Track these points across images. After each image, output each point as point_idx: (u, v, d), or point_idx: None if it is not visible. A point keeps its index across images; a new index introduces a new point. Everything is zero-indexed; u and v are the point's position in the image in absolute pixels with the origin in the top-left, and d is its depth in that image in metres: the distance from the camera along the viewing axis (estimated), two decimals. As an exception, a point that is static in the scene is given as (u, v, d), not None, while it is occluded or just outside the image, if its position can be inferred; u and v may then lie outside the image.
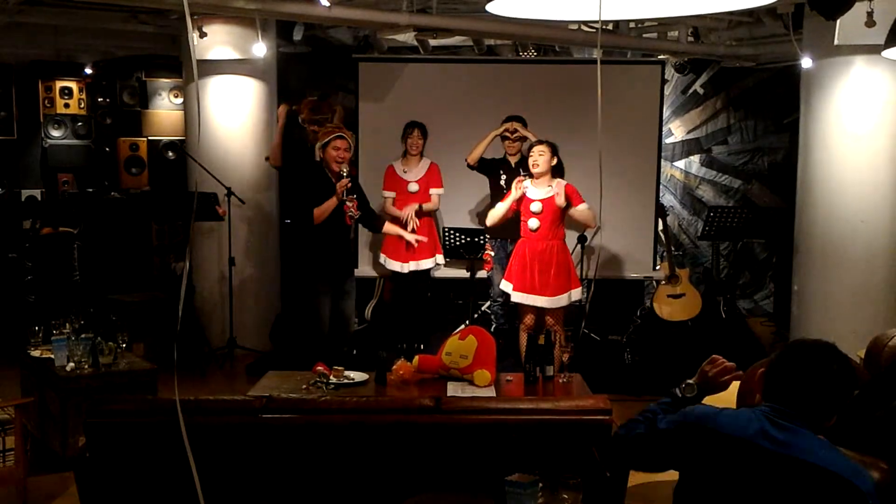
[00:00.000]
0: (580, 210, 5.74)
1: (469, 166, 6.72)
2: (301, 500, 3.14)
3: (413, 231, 6.43)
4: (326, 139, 5.76)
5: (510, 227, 6.03)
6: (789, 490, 2.08)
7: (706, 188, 8.53)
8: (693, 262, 8.43)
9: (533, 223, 5.69)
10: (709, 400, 2.58)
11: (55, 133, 8.79)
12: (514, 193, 5.72)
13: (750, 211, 7.70)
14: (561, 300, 5.73)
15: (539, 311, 5.76)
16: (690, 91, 8.49)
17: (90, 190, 8.72)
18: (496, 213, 5.84)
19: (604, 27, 6.99)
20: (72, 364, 4.75)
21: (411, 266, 6.81)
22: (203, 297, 7.39)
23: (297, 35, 7.52)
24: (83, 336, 4.84)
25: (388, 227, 6.25)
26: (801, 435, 2.11)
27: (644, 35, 7.62)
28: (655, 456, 2.36)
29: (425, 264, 6.85)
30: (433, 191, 6.84)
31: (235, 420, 3.16)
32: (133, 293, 7.60)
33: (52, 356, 4.86)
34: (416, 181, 6.83)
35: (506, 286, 5.90)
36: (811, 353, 2.18)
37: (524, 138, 6.59)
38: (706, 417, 2.25)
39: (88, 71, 8.83)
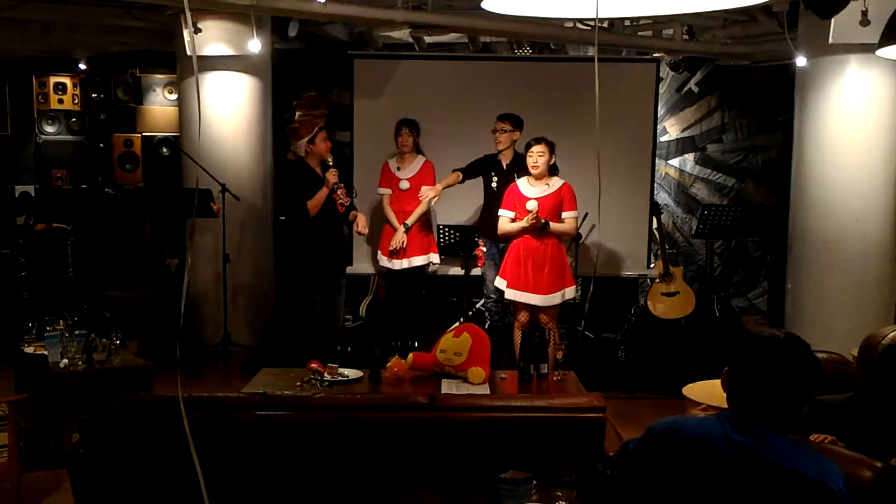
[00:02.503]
0: (564, 219, 5.71)
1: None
2: (295, 496, 3.14)
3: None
4: (313, 132, 5.81)
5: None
6: (754, 494, 1.99)
7: (700, 186, 8.54)
8: (687, 261, 8.44)
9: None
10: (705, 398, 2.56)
11: (49, 129, 8.77)
12: (526, 220, 5.64)
13: (744, 209, 7.72)
14: (554, 298, 5.72)
15: (533, 309, 5.76)
16: (685, 89, 8.50)
17: (84, 186, 8.71)
18: (506, 230, 5.81)
19: (599, 25, 6.99)
20: (66, 361, 4.74)
21: (404, 263, 6.80)
22: (197, 294, 7.37)
23: (292, 31, 7.50)
24: (77, 333, 4.83)
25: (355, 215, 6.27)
26: (764, 437, 2.01)
27: (639, 33, 7.62)
28: (632, 479, 2.26)
29: (418, 261, 6.84)
30: (424, 189, 6.82)
31: (230, 417, 3.17)
32: (127, 290, 7.60)
33: (46, 353, 4.85)
34: (407, 179, 6.82)
35: (500, 283, 5.90)
36: (769, 351, 2.05)
37: (511, 132, 6.49)
38: (669, 427, 2.17)
39: (82, 66, 8.81)
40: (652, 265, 7.65)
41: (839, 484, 1.96)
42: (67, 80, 8.84)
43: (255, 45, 6.88)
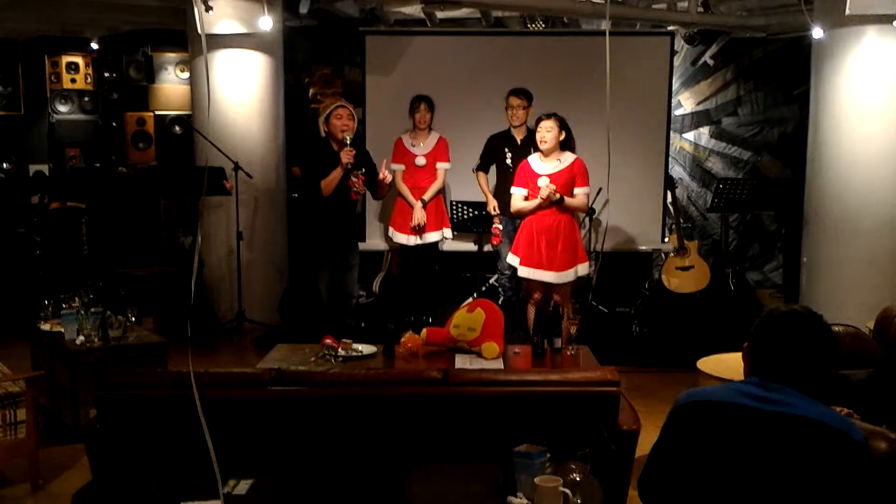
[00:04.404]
0: (576, 194, 5.63)
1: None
2: (310, 471, 3.16)
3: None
4: (327, 111, 5.74)
5: None
6: (782, 444, 2.08)
7: (715, 160, 8.48)
8: (702, 234, 8.40)
9: (540, 198, 5.62)
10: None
11: (62, 108, 8.79)
12: (541, 197, 5.53)
13: (759, 183, 7.66)
14: (568, 275, 5.66)
15: (546, 286, 5.72)
16: (700, 62, 8.42)
17: (97, 165, 8.74)
18: (520, 207, 5.73)
19: (612, -2, 6.93)
20: (82, 338, 4.77)
21: (418, 239, 6.81)
22: (211, 271, 7.40)
23: (304, 8, 7.47)
24: (93, 310, 4.86)
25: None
26: (789, 393, 2.12)
27: (653, 6, 7.55)
28: (669, 454, 2.29)
29: (431, 237, 6.84)
30: (440, 165, 6.82)
31: (245, 393, 3.18)
32: (142, 267, 7.63)
33: (63, 330, 4.89)
34: (423, 155, 6.80)
35: (513, 260, 5.85)
36: (789, 323, 2.17)
37: (527, 108, 6.51)
38: (692, 394, 2.28)
39: (94, 46, 8.81)
40: (666, 239, 7.62)
41: (861, 437, 2.07)
42: (80, 60, 8.85)
43: (266, 23, 6.85)
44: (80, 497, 3.44)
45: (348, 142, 5.63)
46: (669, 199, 7.61)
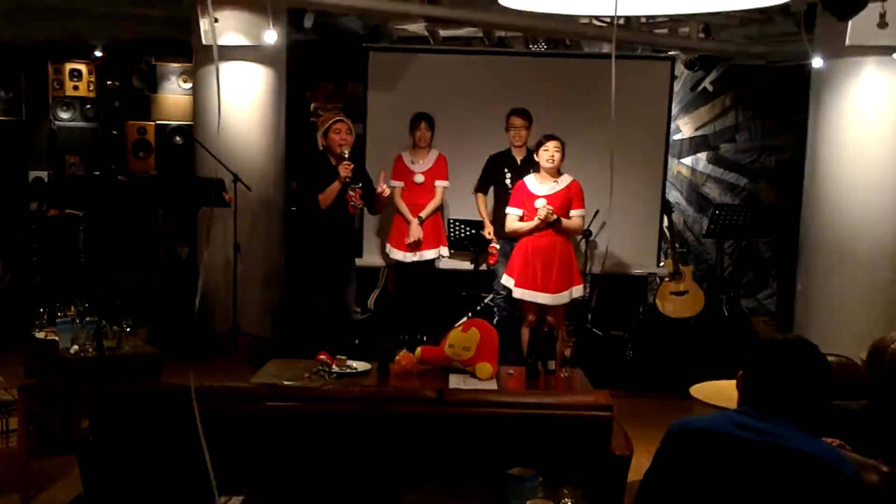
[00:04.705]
0: (572, 216, 5.66)
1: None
2: (302, 487, 3.16)
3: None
4: (326, 125, 5.76)
5: None
6: (772, 476, 2.08)
7: (712, 186, 8.52)
8: (697, 260, 8.42)
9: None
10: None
11: (63, 115, 8.81)
12: (539, 217, 5.55)
13: (755, 209, 7.69)
14: (563, 297, 5.67)
15: (541, 308, 5.72)
16: (700, 88, 8.47)
17: (97, 173, 8.74)
18: (515, 228, 5.75)
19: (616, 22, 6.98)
20: (76, 347, 4.75)
21: (414, 256, 6.82)
22: (207, 284, 7.37)
23: (308, 23, 7.51)
24: (88, 319, 4.84)
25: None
26: (782, 425, 2.11)
27: (655, 31, 7.59)
28: (661, 482, 2.29)
29: (428, 255, 6.85)
30: (438, 183, 6.83)
31: (239, 407, 3.18)
32: (138, 277, 7.62)
33: (57, 338, 4.87)
34: (422, 172, 6.82)
35: (507, 281, 5.85)
36: (784, 353, 2.17)
37: (528, 128, 6.54)
38: (684, 422, 2.27)
39: (98, 53, 8.84)
40: (661, 264, 7.63)
41: (851, 471, 2.07)
42: (83, 67, 8.87)
43: (270, 36, 6.88)
44: (71, 509, 3.44)
45: (347, 156, 5.65)
46: (665, 223, 7.63)
